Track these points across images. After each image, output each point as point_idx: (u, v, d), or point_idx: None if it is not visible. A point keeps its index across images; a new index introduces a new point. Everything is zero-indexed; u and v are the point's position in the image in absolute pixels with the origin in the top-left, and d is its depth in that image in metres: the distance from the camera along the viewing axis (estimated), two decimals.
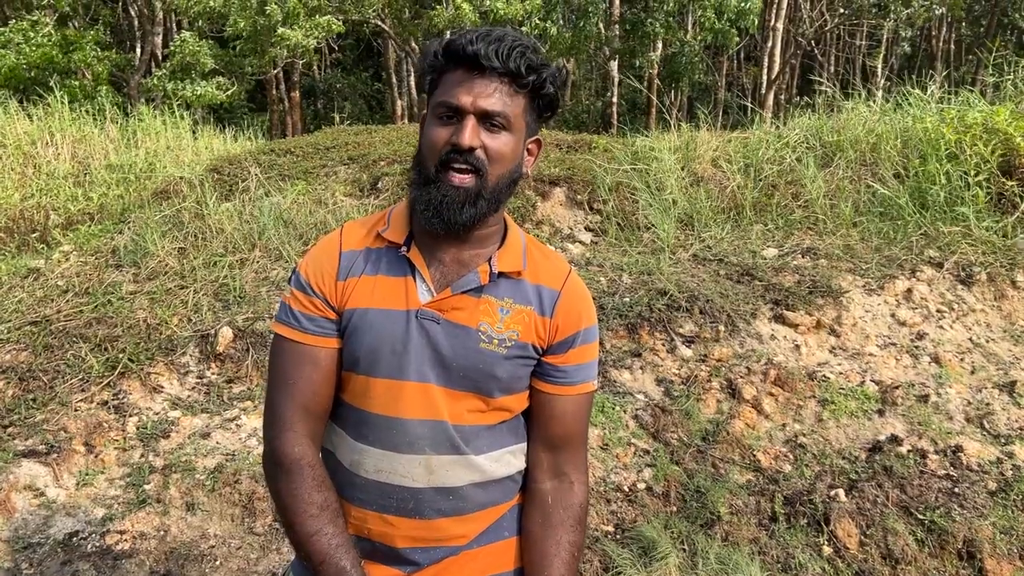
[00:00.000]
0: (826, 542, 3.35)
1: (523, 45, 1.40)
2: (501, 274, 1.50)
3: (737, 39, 17.53)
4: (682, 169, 6.31)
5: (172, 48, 14.71)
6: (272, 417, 1.49)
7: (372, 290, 1.49)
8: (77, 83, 13.78)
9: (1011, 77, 7.38)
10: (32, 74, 13.17)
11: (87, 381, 3.99)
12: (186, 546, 3.21)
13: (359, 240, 1.54)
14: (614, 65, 21.52)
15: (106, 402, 3.91)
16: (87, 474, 3.54)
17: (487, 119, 1.40)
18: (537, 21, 16.17)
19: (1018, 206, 5.79)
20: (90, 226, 5.81)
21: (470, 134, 1.39)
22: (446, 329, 1.46)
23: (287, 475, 1.44)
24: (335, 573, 1.39)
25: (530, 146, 1.52)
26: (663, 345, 4.46)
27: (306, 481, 1.44)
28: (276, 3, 14.18)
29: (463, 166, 1.41)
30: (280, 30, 14.20)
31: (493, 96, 1.40)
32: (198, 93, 14.32)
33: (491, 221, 1.50)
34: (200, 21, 16.04)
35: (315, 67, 25.15)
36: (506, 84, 1.41)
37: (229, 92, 15.26)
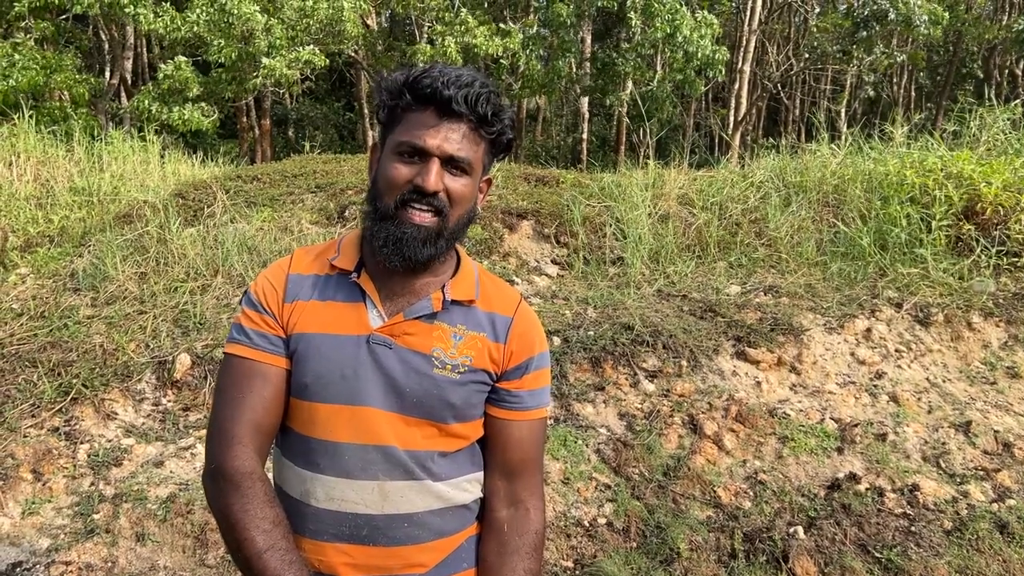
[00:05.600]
0: None
1: (489, 90, 1.41)
2: (454, 302, 1.51)
3: (703, 88, 17.85)
4: (651, 205, 6.38)
5: (163, 71, 14.52)
6: (219, 432, 1.44)
7: (321, 316, 1.48)
8: (55, 105, 13.60)
9: (971, 127, 7.59)
10: (17, 98, 12.99)
11: (38, 407, 3.90)
12: None
13: (307, 266, 1.54)
14: (585, 102, 21.78)
15: (57, 428, 3.82)
16: (34, 502, 3.44)
17: (452, 163, 1.41)
18: (520, 60, 16.23)
19: (974, 249, 5.91)
20: (49, 249, 5.70)
21: (435, 179, 1.39)
22: (399, 355, 1.46)
23: (237, 490, 1.38)
24: None
25: (482, 185, 1.54)
26: (626, 379, 4.47)
27: (258, 496, 1.38)
28: (261, 34, 14.15)
29: (424, 208, 1.41)
30: (265, 61, 14.18)
31: (461, 142, 1.40)
32: (184, 118, 14.22)
33: (445, 255, 1.51)
34: (178, 48, 15.94)
35: (287, 96, 25.13)
36: (472, 129, 1.42)
37: (212, 119, 15.17)
